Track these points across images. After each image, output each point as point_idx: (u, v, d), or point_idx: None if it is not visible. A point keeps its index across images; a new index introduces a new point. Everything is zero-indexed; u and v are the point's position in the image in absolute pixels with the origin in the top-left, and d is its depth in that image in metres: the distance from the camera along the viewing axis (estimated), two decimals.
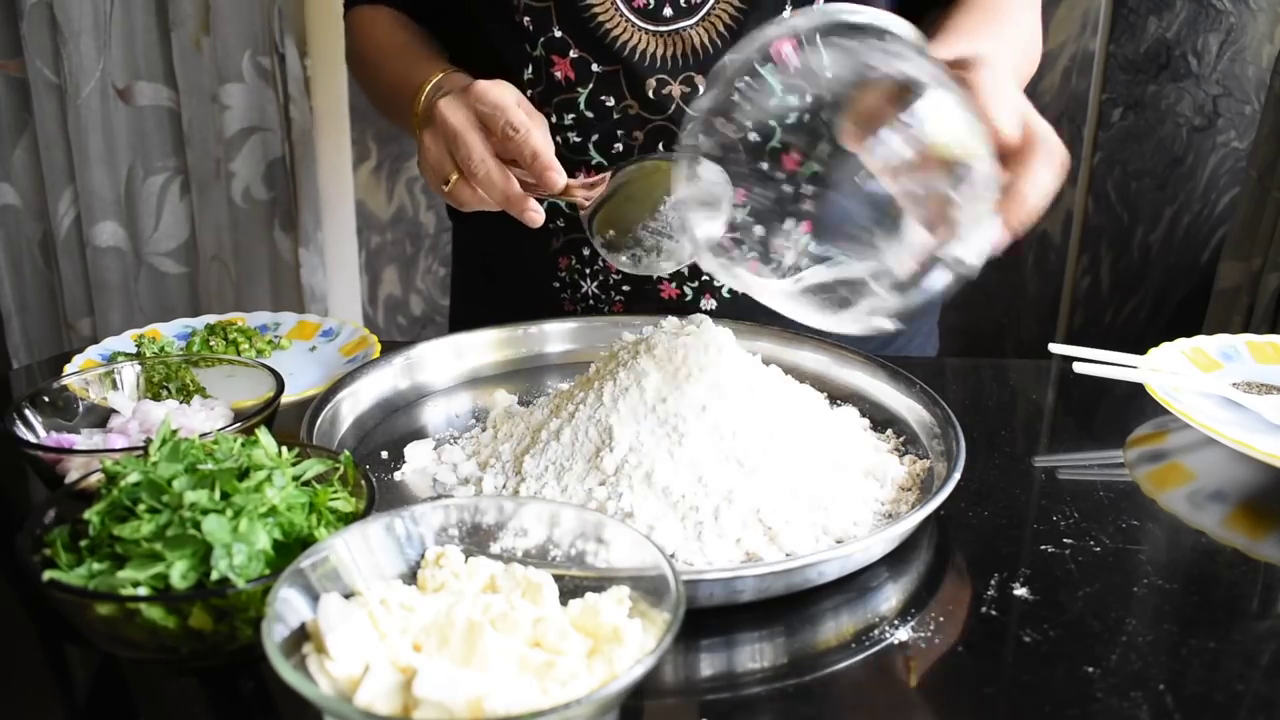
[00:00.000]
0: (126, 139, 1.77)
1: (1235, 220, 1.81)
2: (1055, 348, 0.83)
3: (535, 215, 0.74)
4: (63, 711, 0.49)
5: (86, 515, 0.47)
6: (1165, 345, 0.83)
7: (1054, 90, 1.97)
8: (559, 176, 0.71)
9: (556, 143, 0.87)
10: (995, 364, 0.92)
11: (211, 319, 0.94)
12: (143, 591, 0.44)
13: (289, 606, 0.41)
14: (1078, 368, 0.78)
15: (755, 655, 0.51)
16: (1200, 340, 0.84)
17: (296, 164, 1.78)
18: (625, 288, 0.91)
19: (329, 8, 1.83)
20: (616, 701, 0.39)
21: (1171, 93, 1.93)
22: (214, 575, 0.45)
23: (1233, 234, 1.82)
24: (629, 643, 0.41)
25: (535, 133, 0.71)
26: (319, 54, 1.83)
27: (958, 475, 0.59)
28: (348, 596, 0.43)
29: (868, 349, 0.79)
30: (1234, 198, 1.96)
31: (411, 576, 0.46)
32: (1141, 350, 0.82)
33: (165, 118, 1.79)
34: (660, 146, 0.86)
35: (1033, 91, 1.96)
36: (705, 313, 0.78)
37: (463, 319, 1.06)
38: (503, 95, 0.72)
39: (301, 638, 0.41)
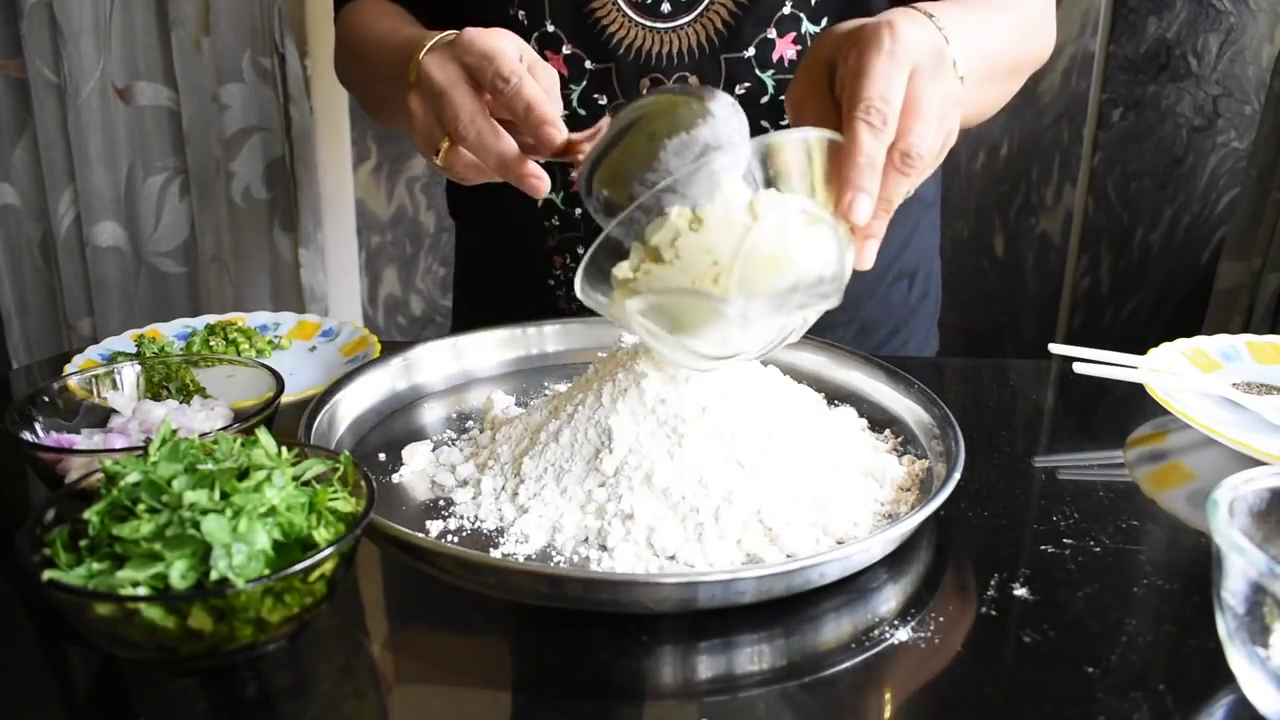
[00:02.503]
0: (126, 139, 1.77)
1: (1235, 220, 1.81)
2: (1055, 348, 0.83)
3: (537, 182, 0.63)
4: (63, 711, 0.49)
5: (86, 515, 0.47)
6: (1165, 345, 0.83)
7: (1054, 90, 1.97)
8: (557, 132, 0.61)
9: None
10: (995, 364, 0.92)
11: (211, 319, 0.94)
12: (142, 591, 0.44)
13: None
14: (1078, 368, 0.78)
15: (755, 657, 0.51)
16: (1200, 340, 0.84)
17: (296, 164, 1.78)
18: None
19: (329, 8, 1.83)
20: None
21: (1171, 93, 1.93)
22: (213, 575, 0.45)
23: (1233, 234, 1.81)
24: None
25: (527, 83, 0.61)
26: (319, 54, 1.83)
27: (957, 475, 0.59)
28: None
29: (865, 348, 0.78)
30: (1234, 198, 1.96)
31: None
32: (1141, 350, 0.81)
33: (165, 118, 1.79)
34: None
35: (1033, 92, 1.97)
36: None
37: (466, 319, 1.06)
38: (493, 43, 0.63)
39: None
